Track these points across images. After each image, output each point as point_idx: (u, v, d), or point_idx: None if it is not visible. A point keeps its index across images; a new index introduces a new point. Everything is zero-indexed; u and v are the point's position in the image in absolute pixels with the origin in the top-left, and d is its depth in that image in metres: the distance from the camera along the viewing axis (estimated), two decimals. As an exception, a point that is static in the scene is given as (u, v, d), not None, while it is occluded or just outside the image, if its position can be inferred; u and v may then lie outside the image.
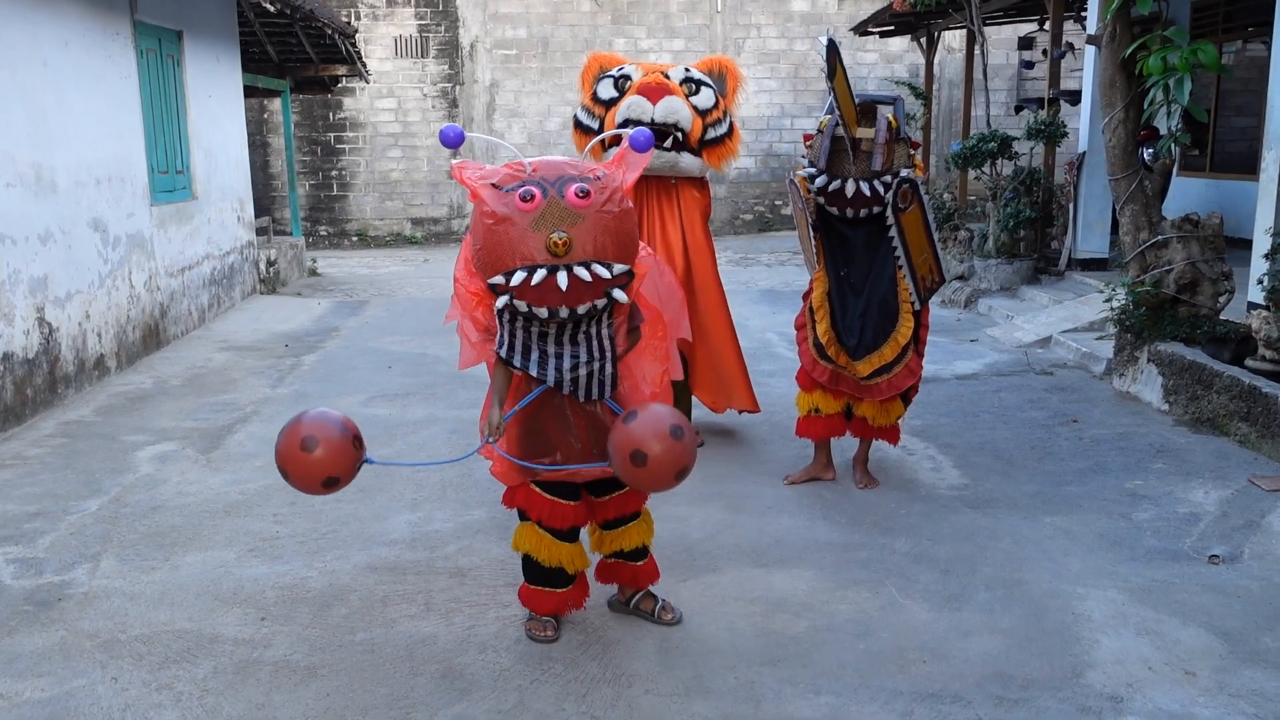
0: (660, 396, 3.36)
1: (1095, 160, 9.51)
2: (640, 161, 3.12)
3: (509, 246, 2.93)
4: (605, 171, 3.05)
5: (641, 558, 3.53)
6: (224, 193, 10.27)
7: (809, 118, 17.87)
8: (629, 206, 3.06)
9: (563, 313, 2.98)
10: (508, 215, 2.93)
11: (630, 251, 3.05)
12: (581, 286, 2.92)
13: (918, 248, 4.61)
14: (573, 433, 3.26)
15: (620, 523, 3.47)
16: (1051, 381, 6.93)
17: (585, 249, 2.92)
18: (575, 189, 2.92)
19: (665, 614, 3.56)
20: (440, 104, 17.67)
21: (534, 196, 2.91)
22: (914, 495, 4.81)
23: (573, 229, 2.90)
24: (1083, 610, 3.63)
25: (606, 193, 2.97)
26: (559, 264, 2.90)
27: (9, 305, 5.98)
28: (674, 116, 4.96)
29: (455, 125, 3.05)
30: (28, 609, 3.74)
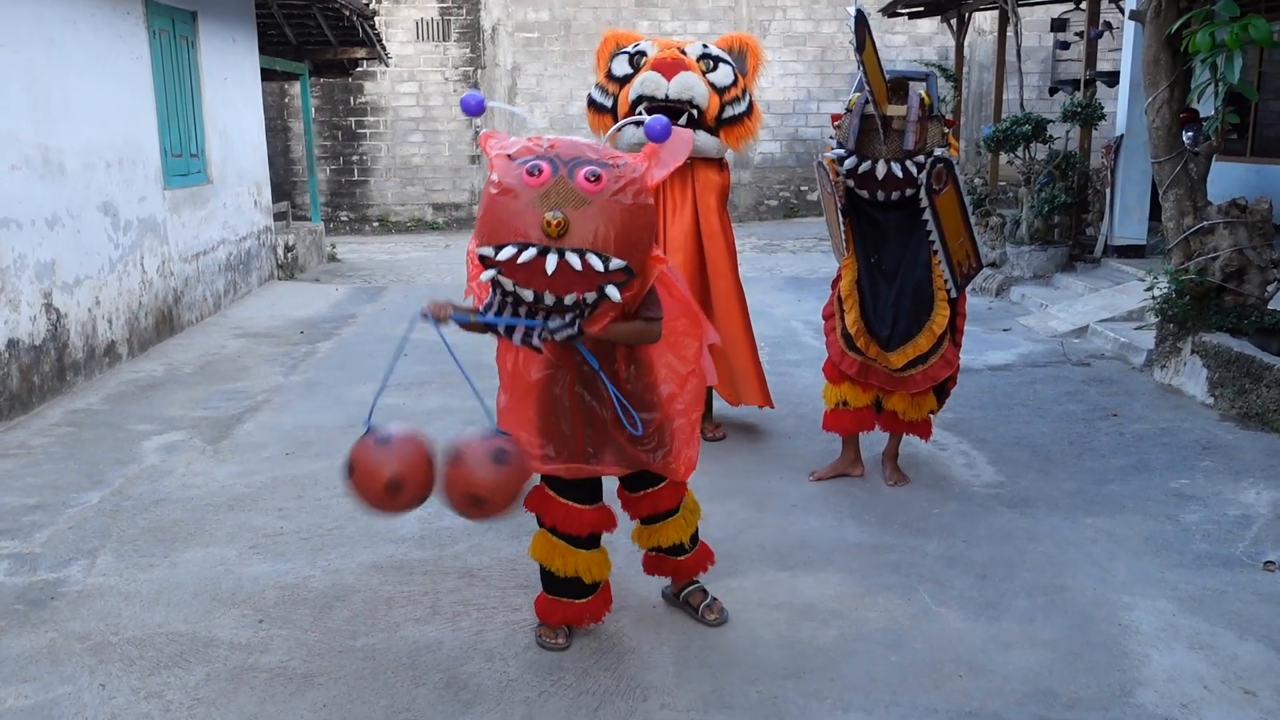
0: (681, 398, 3.14)
1: (1134, 143, 9.21)
2: (673, 157, 2.88)
3: (507, 219, 2.71)
4: (627, 161, 2.81)
5: (680, 554, 3.37)
6: (240, 177, 10.12)
7: (836, 101, 17.54)
8: (645, 202, 2.80)
9: (548, 299, 2.74)
10: (512, 187, 2.72)
11: (636, 249, 2.78)
12: (569, 274, 2.67)
13: (953, 231, 4.38)
14: (567, 426, 3.08)
15: (656, 519, 3.29)
16: (1089, 373, 6.67)
17: (584, 236, 2.67)
18: (586, 172, 2.69)
19: (709, 613, 3.39)
20: (461, 88, 17.46)
21: (541, 171, 2.69)
22: (947, 493, 4.57)
23: (575, 212, 2.66)
24: (1130, 621, 3.40)
25: (621, 182, 2.72)
26: (551, 246, 2.66)
27: (14, 291, 5.83)
28: (689, 93, 4.72)
29: (476, 92, 2.83)
30: (18, 608, 3.59)
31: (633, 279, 2.81)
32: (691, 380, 3.17)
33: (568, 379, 3.07)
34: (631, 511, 3.31)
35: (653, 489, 3.24)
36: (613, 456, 3.10)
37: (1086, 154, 10.04)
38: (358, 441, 2.88)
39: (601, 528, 3.24)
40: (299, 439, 5.49)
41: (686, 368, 3.16)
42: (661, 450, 3.12)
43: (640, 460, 3.11)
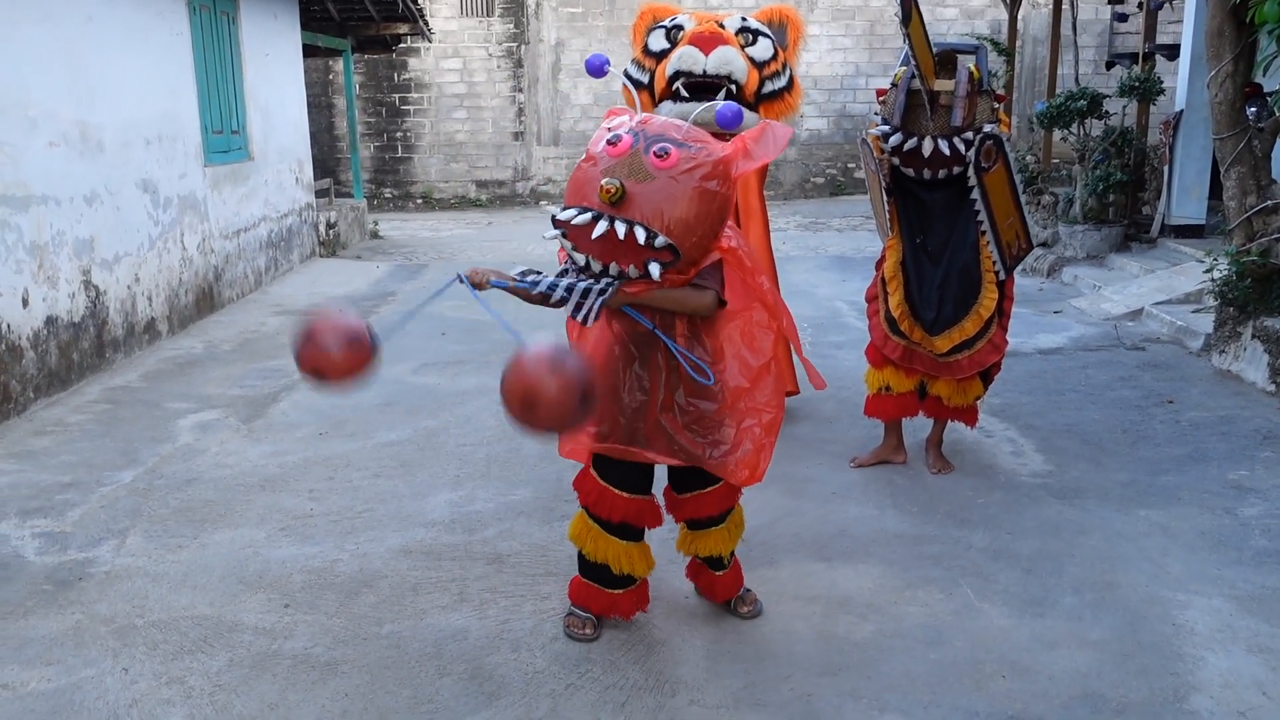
0: (753, 395, 2.97)
1: (1194, 119, 8.89)
2: (765, 151, 2.78)
3: (582, 184, 2.76)
4: (708, 146, 2.74)
5: (719, 568, 3.24)
6: (282, 154, 10.11)
7: (884, 76, 17.19)
8: (714, 189, 2.70)
9: (595, 265, 2.75)
10: (595, 155, 2.77)
11: (692, 233, 2.69)
12: (614, 242, 2.65)
13: (1003, 211, 4.20)
14: (621, 408, 2.95)
15: (701, 525, 3.16)
16: (1143, 358, 6.44)
17: (639, 209, 2.64)
18: (657, 147, 2.68)
19: (742, 606, 3.29)
20: (505, 64, 17.36)
21: (620, 142, 2.72)
22: (992, 483, 4.42)
23: (636, 185, 2.64)
24: (1184, 621, 3.24)
25: (690, 163, 2.67)
26: (604, 212, 2.66)
27: (53, 267, 5.84)
28: (727, 68, 4.58)
29: (601, 54, 2.91)
30: (47, 588, 3.57)
31: (679, 261, 2.72)
32: (766, 377, 2.98)
33: (628, 358, 2.95)
34: (676, 513, 3.18)
35: (700, 492, 3.09)
36: (664, 445, 2.95)
37: (1144, 130, 9.72)
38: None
39: (639, 520, 3.10)
40: (333, 418, 5.45)
41: (759, 361, 2.98)
42: (720, 448, 2.95)
43: (692, 453, 2.95)
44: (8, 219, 5.41)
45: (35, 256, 5.66)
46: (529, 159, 17.77)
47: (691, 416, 2.94)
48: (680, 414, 2.94)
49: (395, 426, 5.30)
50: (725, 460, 2.97)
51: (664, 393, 2.94)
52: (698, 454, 2.96)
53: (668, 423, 2.94)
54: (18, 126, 5.54)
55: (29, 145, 5.65)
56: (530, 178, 17.86)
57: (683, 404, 2.94)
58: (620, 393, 2.95)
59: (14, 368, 5.42)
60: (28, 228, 5.59)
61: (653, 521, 3.16)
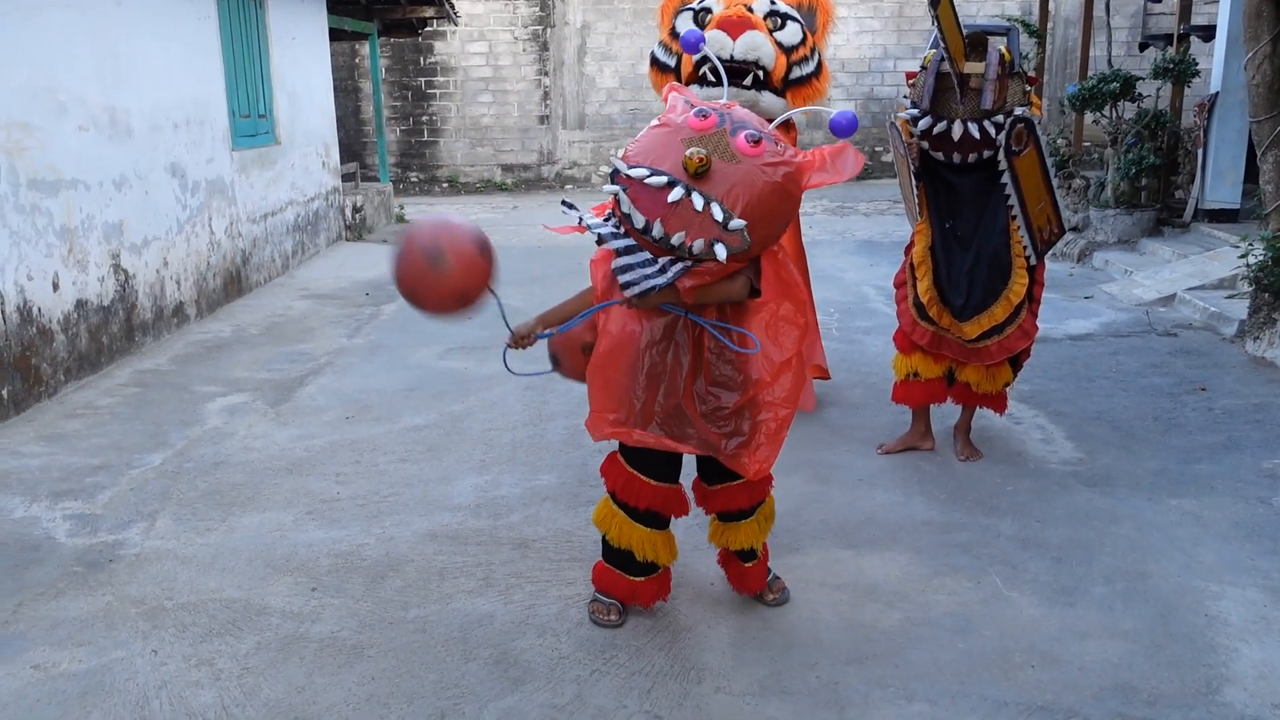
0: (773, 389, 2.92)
1: (1229, 101, 8.75)
2: (840, 172, 2.75)
3: (655, 147, 2.70)
4: (790, 148, 2.74)
5: (750, 559, 3.21)
6: (309, 137, 10.14)
7: (913, 59, 17.03)
8: (792, 189, 2.70)
9: (655, 230, 2.63)
10: (674, 122, 2.73)
11: (762, 226, 2.66)
12: (688, 212, 2.58)
13: (1034, 195, 4.15)
14: (637, 391, 2.91)
15: (730, 517, 3.14)
16: (1175, 344, 6.36)
17: (719, 187, 2.59)
18: (747, 134, 2.65)
19: (769, 593, 3.26)
20: (531, 47, 17.32)
21: (708, 117, 2.68)
22: (1022, 470, 4.38)
23: (721, 164, 2.61)
24: (1218, 612, 3.20)
25: (777, 158, 2.66)
26: (682, 181, 2.60)
27: (82, 251, 5.88)
28: (755, 53, 4.52)
29: (696, 30, 2.88)
30: (77, 570, 3.60)
31: (745, 251, 2.67)
32: (787, 373, 2.93)
33: (660, 346, 2.91)
34: (706, 505, 3.16)
35: (729, 484, 3.07)
36: (680, 431, 2.93)
37: (1178, 113, 9.58)
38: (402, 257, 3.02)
39: (665, 508, 3.08)
40: (359, 402, 5.47)
41: (783, 355, 2.93)
42: (736, 439, 2.92)
43: (711, 443, 2.92)
44: (38, 203, 5.45)
45: (65, 240, 5.70)
46: (554, 143, 17.74)
47: (710, 405, 2.92)
48: (700, 402, 2.92)
49: (421, 411, 5.31)
50: (739, 453, 2.93)
51: (686, 381, 2.91)
52: (715, 444, 2.93)
53: (688, 409, 2.92)
54: (48, 111, 5.58)
55: (59, 130, 5.68)
56: (556, 161, 17.83)
57: (702, 393, 2.92)
58: (636, 378, 2.92)
59: (45, 351, 5.47)
60: (58, 212, 5.63)
61: (679, 510, 3.14)
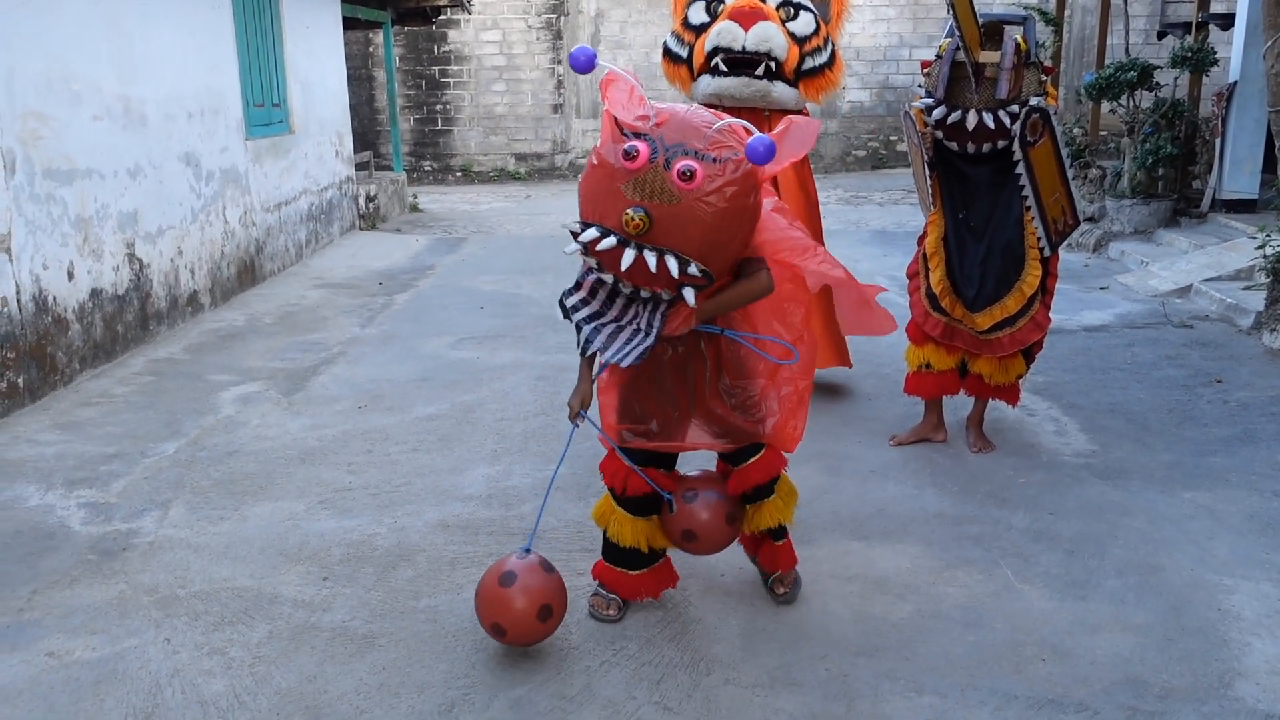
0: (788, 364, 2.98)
1: (1248, 91, 8.68)
2: (797, 147, 2.69)
3: (596, 197, 2.62)
4: (734, 155, 2.58)
5: (781, 536, 3.23)
6: (322, 126, 10.15)
7: (929, 47, 16.92)
8: (744, 204, 2.61)
9: (624, 287, 2.70)
10: (608, 164, 2.59)
11: (723, 253, 2.64)
12: (644, 270, 2.57)
13: (1048, 186, 4.12)
14: (671, 401, 2.96)
15: (752, 498, 3.13)
16: (1191, 335, 6.32)
17: (668, 235, 2.53)
18: (681, 167, 2.50)
19: (779, 588, 3.25)
20: (545, 35, 17.29)
21: (637, 155, 2.52)
22: (1034, 462, 4.36)
23: (661, 209, 2.51)
24: (1231, 606, 3.18)
25: (717, 181, 2.53)
26: (630, 241, 2.55)
27: (97, 241, 5.90)
28: (766, 44, 4.50)
29: (587, 47, 2.68)
30: (91, 558, 3.62)
31: (711, 284, 2.68)
32: (799, 348, 2.99)
33: (683, 358, 2.94)
34: (739, 486, 3.12)
35: (745, 464, 3.06)
36: (715, 430, 2.97)
37: (1195, 102, 9.50)
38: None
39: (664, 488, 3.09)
40: (371, 392, 5.48)
41: (793, 334, 2.99)
42: (770, 420, 2.98)
43: (747, 431, 2.97)
44: (53, 192, 5.47)
45: (80, 230, 5.73)
46: (568, 132, 17.72)
47: (739, 399, 2.96)
48: (728, 397, 2.96)
49: (433, 401, 5.32)
50: (776, 430, 3.01)
51: (710, 381, 2.94)
52: (752, 430, 2.99)
53: (718, 408, 2.96)
54: (62, 101, 5.60)
55: (73, 119, 5.70)
56: (569, 150, 17.81)
57: (729, 388, 2.96)
58: (665, 392, 2.95)
59: (60, 339, 5.50)
60: (72, 201, 5.66)
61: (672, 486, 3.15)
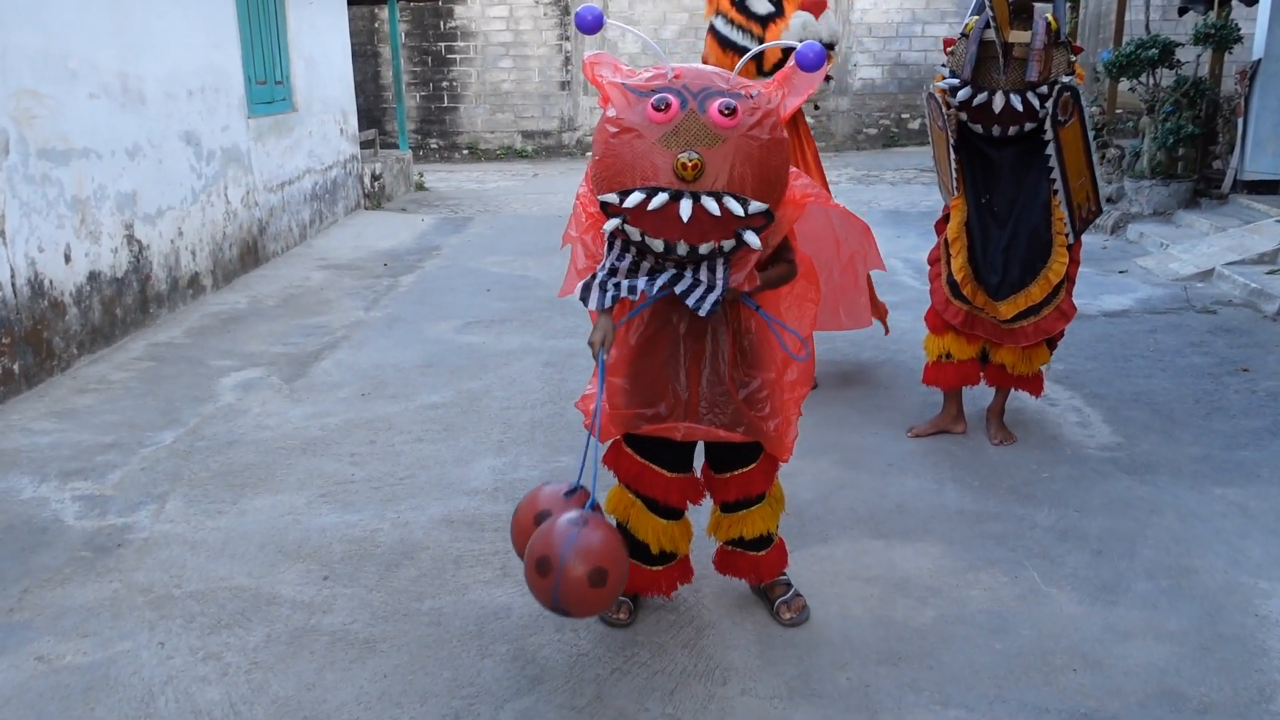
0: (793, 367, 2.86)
1: (1272, 69, 8.48)
2: (807, 84, 2.56)
3: (631, 161, 2.42)
4: (760, 90, 2.50)
5: (763, 547, 3.03)
6: (326, 104, 9.99)
7: (942, 23, 16.68)
8: (781, 136, 2.50)
9: (680, 249, 2.46)
10: (634, 125, 2.42)
11: (775, 189, 2.50)
12: (706, 220, 2.39)
13: (1075, 170, 3.97)
14: (682, 381, 2.77)
15: (741, 505, 2.98)
16: (1214, 321, 6.16)
17: (720, 177, 2.38)
18: (720, 104, 2.38)
19: (785, 612, 3.04)
20: (552, 11, 17.06)
21: (669, 105, 2.39)
22: (1058, 455, 4.22)
23: (709, 151, 2.37)
24: (1268, 612, 3.05)
25: (757, 115, 2.43)
26: (685, 189, 2.38)
27: (95, 222, 5.77)
28: (835, 35, 4.43)
29: (594, 6, 2.51)
30: (85, 555, 3.51)
31: (772, 222, 2.52)
32: (803, 351, 2.86)
33: (698, 331, 2.77)
34: (716, 494, 3.01)
35: (744, 469, 2.92)
36: (729, 418, 2.78)
37: (1217, 80, 9.29)
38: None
39: (681, 499, 2.96)
40: (375, 378, 5.36)
41: (803, 334, 2.85)
42: (774, 420, 2.81)
43: (755, 425, 2.79)
44: (49, 173, 5.34)
45: (77, 211, 5.59)
46: (575, 109, 17.52)
47: (750, 389, 2.79)
48: (741, 388, 2.79)
49: (438, 388, 5.19)
50: (779, 433, 2.84)
51: (727, 366, 2.77)
52: (759, 425, 2.81)
53: (733, 395, 2.78)
54: (58, 79, 5.45)
55: (70, 98, 5.55)
56: (577, 128, 17.61)
57: (741, 377, 2.79)
58: (679, 369, 2.77)
59: (57, 324, 5.38)
60: (69, 182, 5.52)
61: (695, 497, 3.03)
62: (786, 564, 3.14)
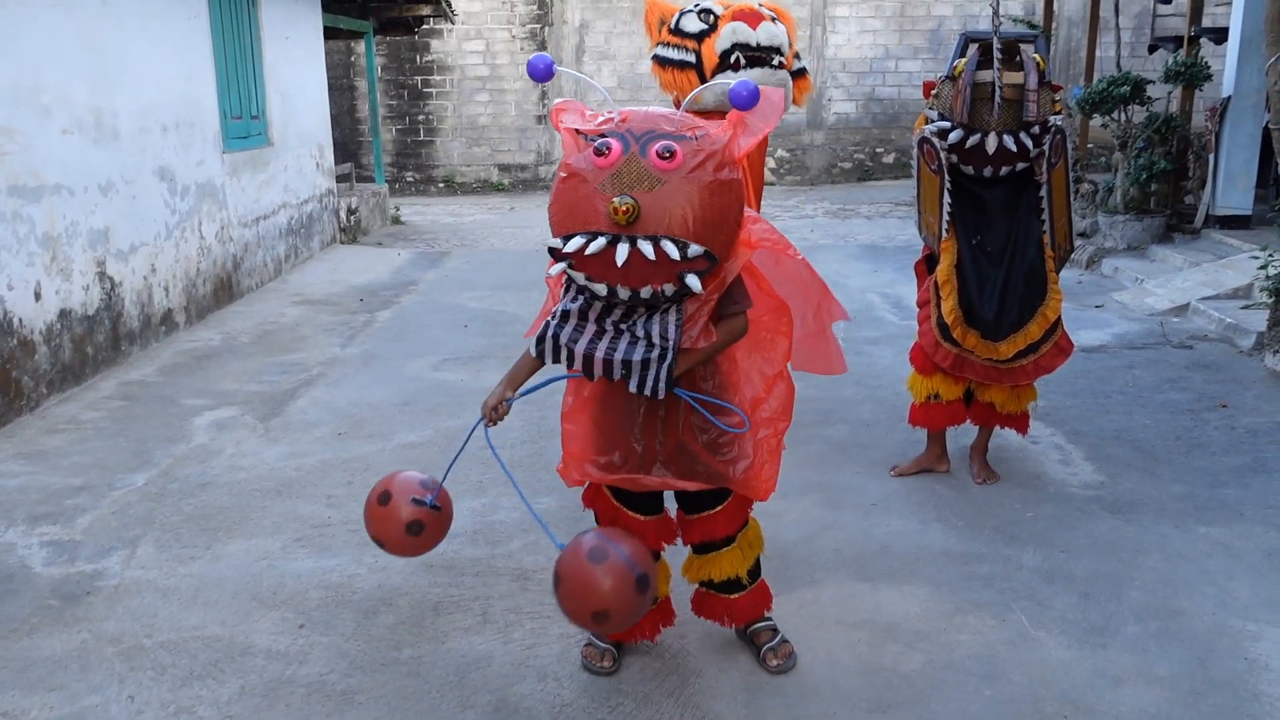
0: (767, 404, 2.79)
1: (1241, 106, 8.60)
2: (764, 121, 2.53)
3: (575, 206, 2.42)
4: (707, 131, 2.46)
5: (734, 590, 2.97)
6: (302, 139, 9.94)
7: (915, 59, 16.86)
8: (729, 177, 2.46)
9: (621, 293, 2.42)
10: (580, 170, 2.42)
11: (719, 231, 2.45)
12: (643, 265, 2.36)
13: (1059, 209, 3.98)
14: (635, 433, 2.71)
15: (709, 548, 2.93)
16: (1191, 357, 6.19)
17: (658, 221, 2.35)
18: (659, 148, 2.36)
19: (772, 658, 2.98)
20: (529, 45, 17.12)
21: (610, 150, 2.38)
22: (1042, 494, 4.20)
23: (647, 195, 2.34)
24: (1257, 655, 3.03)
25: (700, 156, 2.39)
26: (622, 234, 2.36)
27: (66, 259, 5.68)
28: (776, 40, 4.40)
29: (545, 55, 2.52)
30: (53, 604, 3.41)
31: (716, 265, 2.47)
32: (779, 385, 2.81)
33: None
34: (685, 535, 2.96)
35: (710, 511, 2.88)
36: (686, 467, 2.72)
37: (1188, 117, 9.41)
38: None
39: (655, 541, 2.91)
40: (352, 417, 5.28)
41: (773, 369, 2.81)
42: (743, 462, 2.74)
43: (718, 471, 2.72)
44: (19, 210, 5.25)
45: (48, 248, 5.51)
46: (552, 142, 17.54)
47: (712, 435, 2.72)
48: (700, 433, 2.72)
49: (415, 427, 5.12)
50: (749, 476, 2.76)
51: (683, 414, 2.71)
52: (723, 472, 2.74)
53: (690, 444, 2.72)
54: (30, 114, 5.38)
55: (42, 133, 5.48)
56: (553, 162, 17.63)
57: (701, 423, 2.71)
58: (636, 420, 2.72)
59: (26, 363, 5.28)
60: (40, 219, 5.44)
61: (669, 538, 2.98)
62: (768, 608, 3.08)
